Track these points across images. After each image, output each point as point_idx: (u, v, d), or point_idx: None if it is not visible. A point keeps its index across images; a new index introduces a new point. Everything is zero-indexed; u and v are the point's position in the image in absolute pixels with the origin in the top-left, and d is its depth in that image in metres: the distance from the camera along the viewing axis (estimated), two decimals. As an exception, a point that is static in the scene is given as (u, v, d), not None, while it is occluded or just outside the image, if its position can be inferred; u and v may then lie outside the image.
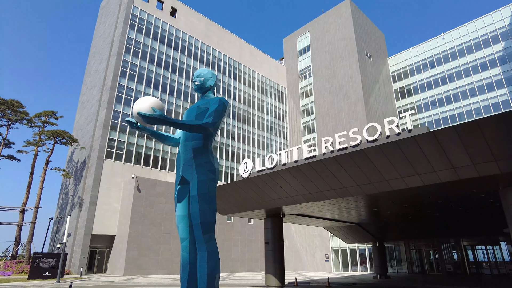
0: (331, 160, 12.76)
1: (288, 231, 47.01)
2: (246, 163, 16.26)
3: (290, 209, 18.66)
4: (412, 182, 12.10)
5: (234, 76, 54.49)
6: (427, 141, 10.42)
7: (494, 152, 9.97)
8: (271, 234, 19.43)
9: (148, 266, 33.09)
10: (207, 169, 6.64)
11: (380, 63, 58.92)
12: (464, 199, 16.08)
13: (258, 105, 57.48)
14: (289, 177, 14.72)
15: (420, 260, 35.74)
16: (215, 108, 6.81)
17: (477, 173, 10.87)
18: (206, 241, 5.36)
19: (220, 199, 19.03)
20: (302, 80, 60.74)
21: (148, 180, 35.78)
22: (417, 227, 25.58)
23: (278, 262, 18.91)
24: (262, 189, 16.33)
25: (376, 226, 26.39)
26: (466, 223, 23.95)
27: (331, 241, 40.21)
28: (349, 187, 13.65)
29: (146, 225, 33.97)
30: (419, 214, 21.47)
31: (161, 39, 45.66)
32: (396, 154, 11.26)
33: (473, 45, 51.72)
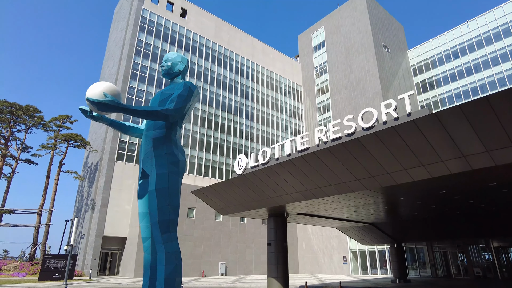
0: (325, 151, 11.48)
1: (305, 233, 45.48)
2: (240, 159, 15.22)
3: (292, 208, 17.42)
4: (418, 174, 10.61)
5: (247, 75, 53.64)
6: (429, 125, 8.96)
7: (510, 134, 8.39)
8: (274, 235, 18.25)
9: (159, 268, 32.61)
10: (168, 161, 5.74)
11: (399, 56, 56.27)
12: (485, 194, 14.25)
13: (272, 104, 56.33)
14: (284, 173, 13.53)
15: (445, 263, 33.27)
16: (178, 93, 5.88)
17: (492, 162, 9.27)
18: (165, 242, 4.81)
19: (218, 198, 18.08)
20: (317, 77, 59.06)
21: (158, 181, 35.40)
22: (437, 227, 23.53)
23: (281, 265, 17.69)
24: (258, 187, 15.21)
25: (393, 226, 24.55)
26: (494, 222, 21.74)
27: (349, 243, 38.34)
28: (348, 182, 12.29)
29: (156, 227, 33.54)
30: (437, 213, 19.58)
31: (171, 41, 45.54)
32: (396, 142, 9.85)
33: (501, 31, 48.21)
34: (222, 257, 37.41)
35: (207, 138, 44.49)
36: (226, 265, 37.33)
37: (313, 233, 44.25)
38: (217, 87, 48.20)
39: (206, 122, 45.01)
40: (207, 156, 43.72)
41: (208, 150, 44.08)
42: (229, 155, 46.45)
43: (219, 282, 27.85)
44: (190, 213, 36.42)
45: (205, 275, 35.40)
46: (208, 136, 44.80)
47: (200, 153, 43.22)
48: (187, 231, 35.55)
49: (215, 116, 46.48)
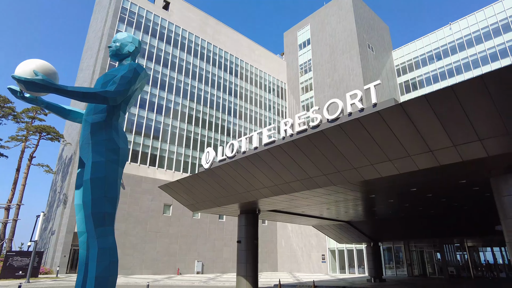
0: (290, 144, 10.91)
1: (285, 231, 45.13)
2: (208, 152, 14.53)
3: (264, 205, 16.86)
4: (385, 170, 10.16)
5: (231, 71, 52.82)
6: (395, 116, 8.49)
7: (477, 129, 7.99)
8: (245, 232, 17.66)
9: (131, 265, 31.67)
10: (107, 148, 5.10)
11: (383, 56, 56.45)
12: (455, 192, 13.99)
13: (256, 101, 55.70)
14: (251, 167, 12.92)
15: (421, 262, 33.41)
16: (122, 74, 5.25)
17: (460, 157, 8.88)
18: (98, 236, 4.42)
19: (186, 194, 17.36)
20: (302, 75, 58.73)
21: (133, 176, 34.39)
22: (412, 226, 23.38)
23: (251, 263, 17.11)
24: (226, 181, 14.56)
25: (368, 225, 24.30)
26: (467, 222, 21.71)
27: (327, 241, 38.13)
28: (315, 177, 11.77)
29: (130, 223, 32.57)
30: (411, 212, 19.35)
31: (152, 33, 44.29)
32: (361, 135, 9.35)
33: (482, 34, 48.83)
34: (199, 255, 36.64)
35: (187, 134, 43.53)
36: (203, 263, 36.59)
37: (292, 231, 43.91)
38: (199, 81, 47.24)
39: (187, 117, 44.03)
40: (187, 152, 42.78)
41: (188, 146, 43.15)
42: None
43: (193, 280, 27.12)
44: (166, 210, 35.49)
45: (180, 273, 34.58)
46: (189, 131, 43.84)
47: (180, 149, 42.25)
48: (162, 228, 34.63)
49: (196, 111, 45.54)
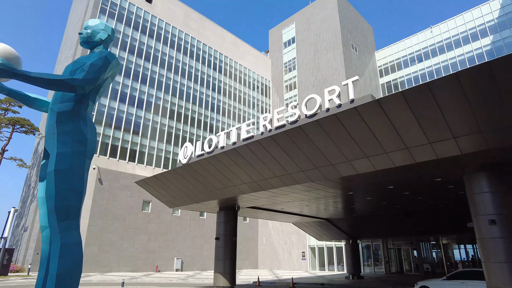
0: (268, 140, 10.76)
1: (266, 228, 45.16)
2: (186, 147, 14.22)
3: (243, 201, 16.70)
4: (362, 167, 10.16)
5: (215, 67, 52.30)
6: (372, 112, 8.46)
7: (451, 126, 8.05)
8: (223, 229, 17.43)
9: (109, 263, 30.93)
10: (73, 138, 4.79)
11: (366, 56, 57.17)
12: (431, 191, 14.22)
13: (240, 98, 55.40)
14: (229, 162, 12.71)
15: (398, 259, 34.09)
16: (91, 62, 4.93)
17: (435, 155, 8.96)
18: (62, 231, 4.15)
19: (164, 190, 16.98)
20: (286, 73, 58.79)
21: (112, 171, 33.55)
22: (390, 223, 23.76)
23: (229, 260, 16.92)
24: (204, 177, 14.30)
25: (347, 223, 24.54)
26: (442, 220, 22.18)
27: (308, 239, 38.38)
28: (293, 173, 11.68)
29: (108, 220, 31.78)
30: (389, 209, 19.63)
31: (135, 26, 43.26)
32: (338, 131, 9.29)
33: (461, 38, 50.14)
34: (178, 252, 36.18)
35: (168, 129, 42.82)
36: (182, 260, 36.15)
37: (274, 228, 43.99)
38: (181, 76, 46.53)
39: (168, 112, 43.31)
40: (168, 148, 42.11)
41: (169, 141, 42.48)
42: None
43: (171, 277, 26.71)
44: (146, 206, 34.84)
45: (159, 270, 34.05)
46: (170, 126, 43.14)
47: (160, 144, 41.53)
48: (141, 224, 33.97)
49: (178, 107, 44.86)
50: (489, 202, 9.32)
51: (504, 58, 6.61)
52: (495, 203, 9.25)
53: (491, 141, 8.06)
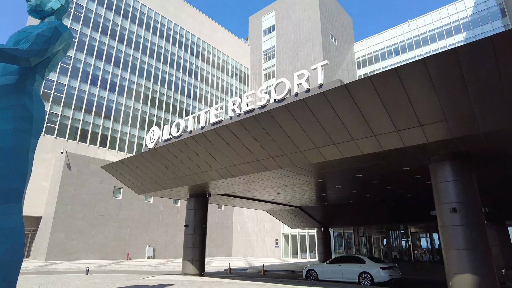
0: (237, 125, 10.44)
1: (241, 216, 45.21)
2: (153, 131, 13.67)
3: (214, 188, 16.40)
4: (330, 154, 10.05)
5: (192, 52, 51.03)
6: (340, 98, 8.29)
7: (418, 114, 8.00)
8: (193, 216, 17.11)
9: (76, 250, 29.99)
10: (17, 114, 4.37)
11: (345, 48, 57.45)
12: (400, 180, 14.44)
13: (217, 85, 54.51)
14: (197, 147, 12.32)
15: (369, 247, 35.01)
16: (38, 32, 4.47)
17: (402, 143, 8.94)
18: (0, 215, 3.92)
19: (131, 175, 16.40)
20: (265, 61, 58.26)
21: (81, 157, 32.28)
22: (360, 212, 24.23)
23: (198, 248, 16.67)
24: (171, 163, 13.85)
25: (319, 211, 24.81)
26: (410, 209, 22.80)
27: (281, 227, 38.74)
28: (262, 159, 11.46)
29: (76, 206, 30.68)
30: (359, 198, 19.91)
31: (108, 5, 41.27)
32: (307, 116, 9.09)
33: (436, 34, 51.22)
34: (151, 240, 35.62)
35: (142, 114, 41.61)
36: (155, 248, 35.64)
37: (248, 216, 44.10)
38: (157, 60, 45.11)
39: (142, 97, 42.00)
40: (141, 134, 40.98)
41: (143, 127, 41.32)
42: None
43: (141, 265, 26.24)
44: (117, 193, 33.89)
45: (130, 258, 33.43)
46: (144, 112, 41.93)
47: (133, 130, 40.36)
48: (112, 211, 33.08)
49: (153, 91, 43.57)
50: (451, 191, 9.46)
51: (470, 45, 6.54)
52: (457, 191, 9.40)
53: (455, 129, 8.09)
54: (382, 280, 13.86)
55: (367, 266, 14.48)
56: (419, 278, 17.79)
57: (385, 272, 13.96)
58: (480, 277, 8.59)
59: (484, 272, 8.64)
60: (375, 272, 14.03)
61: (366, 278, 14.14)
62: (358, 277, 14.40)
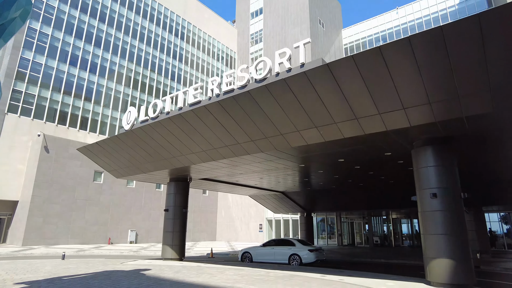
0: (216, 105, 10.01)
1: (226, 201, 45.12)
2: (129, 112, 13.09)
3: (195, 173, 16.01)
4: (311, 137, 9.78)
5: (176, 33, 49.52)
6: (321, 78, 7.95)
7: (401, 96, 7.76)
8: (173, 201, 16.78)
9: (55, 235, 29.31)
10: None
11: (333, 34, 56.89)
12: (382, 165, 14.36)
13: (203, 68, 53.33)
14: (175, 130, 11.85)
15: (351, 232, 35.54)
16: None
17: (384, 127, 8.72)
18: None
19: (108, 158, 15.83)
20: (252, 45, 57.18)
21: (59, 139, 31.21)
22: (343, 198, 24.36)
23: (178, 232, 16.41)
24: (149, 145, 13.36)
25: (302, 196, 24.81)
26: (392, 195, 23.02)
27: (265, 212, 38.85)
28: (243, 143, 11.11)
29: (55, 190, 29.82)
30: (341, 184, 19.90)
31: (87, -19, 39.28)
32: (288, 97, 8.74)
33: (424, 22, 51.14)
34: (133, 225, 35.16)
35: (124, 97, 40.42)
36: (137, 232, 35.24)
37: (233, 201, 44.04)
38: (140, 41, 43.59)
39: (124, 79, 40.70)
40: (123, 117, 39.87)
41: (124, 110, 40.14)
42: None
43: (123, 250, 25.88)
44: (97, 177, 33.09)
45: (112, 242, 32.97)
46: (126, 94, 40.72)
47: (115, 113, 39.24)
48: (92, 196, 32.35)
49: (135, 73, 42.26)
50: (432, 176, 9.38)
51: (456, 22, 6.26)
52: (438, 177, 9.32)
53: (438, 113, 7.90)
54: (309, 261, 15.16)
55: (296, 249, 15.63)
56: (387, 262, 18.06)
57: (312, 254, 15.29)
58: (457, 261, 8.60)
59: (460, 256, 8.65)
60: (303, 254, 15.26)
61: (295, 260, 15.31)
62: (288, 258, 15.55)
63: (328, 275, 10.88)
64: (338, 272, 12.10)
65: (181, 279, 9.57)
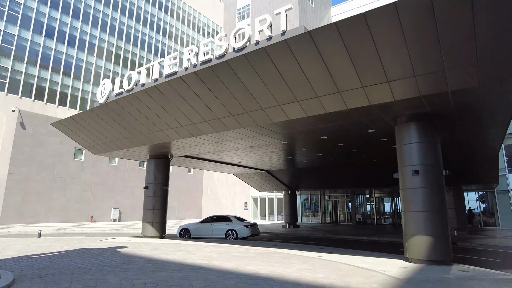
0: (193, 76, 9.45)
1: (211, 180, 44.95)
2: (104, 84, 12.38)
3: (176, 149, 15.53)
4: (293, 112, 9.39)
5: (160, 6, 47.48)
6: (303, 47, 7.47)
7: (386, 68, 7.38)
8: (153, 178, 16.34)
9: (35, 213, 28.67)
10: None
11: (322, 11, 55.62)
12: (365, 143, 14.17)
13: (188, 43, 51.66)
14: (151, 103, 11.27)
15: (334, 210, 36.03)
16: None
17: (367, 101, 8.37)
18: None
19: (83, 133, 15.15)
20: (239, 20, 55.46)
21: (36, 115, 30.00)
22: (326, 176, 24.36)
23: (158, 210, 16.09)
24: (125, 120, 12.75)
25: (286, 174, 24.70)
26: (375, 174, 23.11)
27: (251, 190, 38.87)
28: (223, 118, 10.64)
29: (33, 168, 28.92)
30: (325, 162, 19.78)
31: None
32: (268, 68, 8.26)
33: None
34: (116, 203, 34.70)
35: (105, 72, 38.91)
36: (120, 210, 34.86)
37: (219, 180, 43.90)
38: (121, 14, 41.61)
39: (105, 53, 39.06)
40: (105, 93, 38.53)
41: (107, 86, 38.78)
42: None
43: (104, 228, 25.52)
44: (78, 155, 32.21)
45: (95, 220, 32.57)
46: (107, 69, 39.20)
47: (96, 88, 37.79)
48: (73, 174, 31.58)
49: (117, 48, 40.58)
50: (415, 153, 9.20)
51: (446, -14, 5.83)
52: (421, 154, 9.14)
53: (423, 87, 7.59)
54: (245, 236, 16.34)
55: (233, 224, 16.61)
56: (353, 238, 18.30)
57: (247, 229, 16.36)
58: (436, 238, 8.56)
59: (439, 234, 8.61)
60: (239, 229, 16.30)
61: (231, 235, 16.35)
62: (225, 233, 16.50)
63: (309, 252, 10.81)
64: (319, 249, 12.07)
65: (156, 257, 9.30)
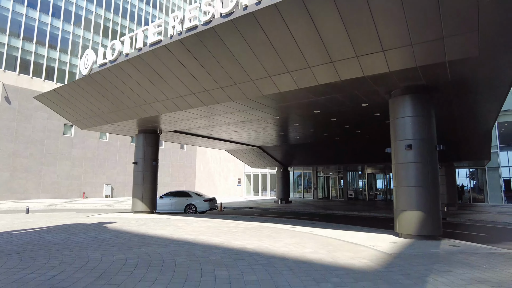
0: (178, 45, 8.93)
1: (204, 156, 44.78)
2: (87, 55, 11.76)
3: (165, 124, 15.11)
4: (284, 84, 8.98)
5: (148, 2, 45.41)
6: (294, 12, 6.98)
7: (381, 36, 6.96)
8: (142, 153, 16.00)
9: (25, 190, 28.37)
10: None
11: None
12: (359, 118, 13.88)
13: (179, 16, 49.87)
14: (136, 74, 10.75)
15: (326, 186, 36.28)
16: None
17: (361, 72, 7.99)
18: None
19: (68, 107, 14.61)
20: None
21: (22, 90, 29.08)
22: (319, 152, 24.22)
23: (148, 185, 15.85)
24: (110, 92, 12.24)
25: (279, 151, 24.51)
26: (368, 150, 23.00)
27: (244, 166, 38.84)
28: (211, 90, 10.21)
29: (21, 143, 28.34)
30: (318, 138, 19.54)
31: None
32: (257, 36, 7.78)
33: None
34: (108, 179, 34.49)
35: (93, 45, 37.56)
36: (113, 186, 34.71)
37: (212, 156, 43.74)
38: (108, -18, 39.71)
39: (92, 25, 37.55)
40: (94, 67, 37.39)
41: (95, 60, 37.58)
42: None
43: (96, 203, 25.38)
44: (68, 130, 31.59)
45: (87, 196, 32.43)
46: (95, 42, 37.82)
47: (84, 62, 36.61)
48: (63, 150, 31.08)
49: (105, 20, 39.01)
50: (409, 127, 8.94)
51: None
52: (415, 128, 8.89)
53: (420, 56, 7.21)
54: (204, 210, 17.17)
55: (192, 199, 17.29)
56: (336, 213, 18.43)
57: (206, 203, 17.16)
58: (426, 214, 8.46)
59: (430, 209, 8.50)
60: (198, 204, 17.09)
61: (191, 209, 17.09)
62: (185, 208, 17.17)
63: (299, 227, 10.73)
64: (309, 223, 12.02)
65: (143, 232, 9.12)
